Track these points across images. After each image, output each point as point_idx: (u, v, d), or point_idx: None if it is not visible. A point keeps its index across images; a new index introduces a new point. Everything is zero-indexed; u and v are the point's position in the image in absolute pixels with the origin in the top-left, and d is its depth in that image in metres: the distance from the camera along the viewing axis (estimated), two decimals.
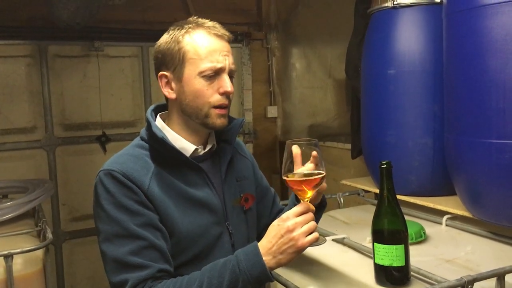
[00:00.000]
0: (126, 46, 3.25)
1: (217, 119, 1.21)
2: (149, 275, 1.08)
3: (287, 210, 1.33)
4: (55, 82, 3.06)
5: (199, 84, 1.18)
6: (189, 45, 1.18)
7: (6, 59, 2.94)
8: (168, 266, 1.12)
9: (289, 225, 1.06)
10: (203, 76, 1.18)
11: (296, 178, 1.12)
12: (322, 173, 1.12)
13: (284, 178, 1.14)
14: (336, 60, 3.63)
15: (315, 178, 1.12)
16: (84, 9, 2.70)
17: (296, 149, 1.14)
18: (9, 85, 2.94)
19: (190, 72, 1.18)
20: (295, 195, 1.30)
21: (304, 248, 1.07)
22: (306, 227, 1.07)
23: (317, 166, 1.13)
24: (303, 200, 1.13)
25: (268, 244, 1.07)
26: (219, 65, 1.18)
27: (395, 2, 1.93)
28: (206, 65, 1.17)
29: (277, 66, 3.81)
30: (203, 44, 1.18)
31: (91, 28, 3.00)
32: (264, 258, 1.06)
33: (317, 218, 1.26)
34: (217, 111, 1.20)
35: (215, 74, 1.18)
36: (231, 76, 1.22)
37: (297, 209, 1.09)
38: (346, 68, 2.55)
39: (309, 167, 1.13)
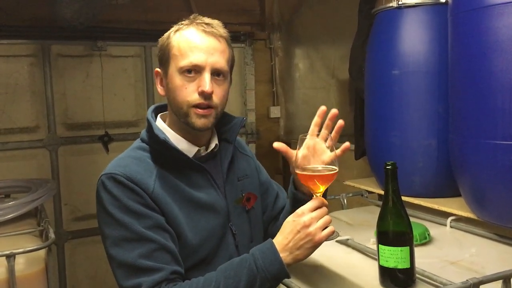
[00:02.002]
0: (129, 45, 3.25)
1: (196, 119, 1.16)
2: (163, 278, 1.06)
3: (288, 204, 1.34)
4: (58, 81, 3.06)
5: (180, 81, 1.16)
6: (175, 41, 1.17)
7: (9, 59, 2.94)
8: (179, 267, 1.11)
9: (305, 220, 1.06)
10: (182, 73, 1.15)
11: (309, 172, 1.12)
12: (335, 169, 1.12)
13: (297, 172, 1.13)
14: (340, 60, 3.62)
15: (327, 174, 1.12)
16: (87, 8, 2.70)
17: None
18: (12, 84, 2.95)
19: (173, 68, 1.17)
20: (293, 188, 1.30)
21: (321, 242, 1.07)
22: (322, 222, 1.07)
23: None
24: (315, 195, 1.13)
25: (284, 241, 1.07)
26: (197, 63, 1.14)
27: (399, 2, 1.92)
28: (185, 62, 1.15)
29: (280, 66, 3.80)
30: (186, 40, 1.16)
31: (94, 28, 3.00)
32: (281, 254, 1.06)
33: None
34: (196, 110, 1.16)
35: (194, 72, 1.15)
36: (217, 75, 1.17)
37: (311, 204, 1.09)
38: (349, 69, 2.54)
39: (323, 160, 1.14)
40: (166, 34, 1.21)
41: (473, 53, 1.53)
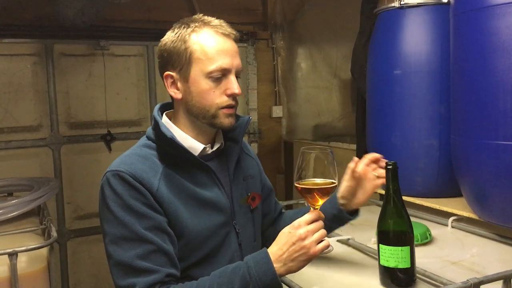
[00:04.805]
0: (131, 45, 3.26)
1: (225, 119, 1.19)
2: (157, 280, 1.07)
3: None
4: (61, 80, 3.07)
5: (206, 85, 1.16)
6: (196, 45, 1.16)
7: (12, 58, 2.95)
8: (175, 270, 1.11)
9: (301, 233, 1.06)
10: (210, 77, 1.16)
11: (308, 185, 1.13)
12: (335, 182, 1.13)
13: (296, 185, 1.14)
14: (342, 60, 3.62)
15: (326, 187, 1.12)
16: (90, 8, 2.71)
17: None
18: (15, 83, 2.96)
19: (197, 72, 1.16)
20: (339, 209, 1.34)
21: (315, 255, 1.07)
22: (317, 235, 1.07)
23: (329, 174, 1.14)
24: (313, 208, 1.14)
25: (279, 251, 1.07)
26: (226, 66, 1.16)
27: (401, 2, 1.92)
28: (214, 66, 1.15)
29: (283, 66, 3.80)
30: (210, 44, 1.16)
31: (97, 27, 3.00)
32: (274, 265, 1.06)
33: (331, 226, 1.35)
34: (224, 110, 1.19)
35: (222, 75, 1.17)
36: (237, 76, 1.20)
37: (308, 216, 1.09)
38: (351, 69, 2.54)
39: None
40: (176, 36, 1.18)
41: (475, 53, 1.53)
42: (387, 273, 1.20)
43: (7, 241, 1.78)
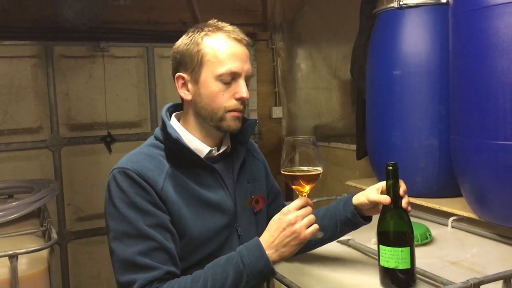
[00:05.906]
0: (131, 46, 3.25)
1: (231, 122, 1.21)
2: (157, 277, 1.08)
3: None
4: (61, 82, 3.07)
5: (216, 87, 1.18)
6: (208, 48, 1.18)
7: (12, 60, 2.95)
8: (175, 269, 1.12)
9: (291, 218, 1.09)
10: (220, 80, 1.18)
11: (293, 173, 1.15)
12: (319, 169, 1.15)
13: (283, 172, 1.17)
14: (342, 60, 3.62)
15: (311, 174, 1.15)
16: (90, 9, 2.71)
17: None
18: (15, 85, 2.96)
19: (207, 74, 1.18)
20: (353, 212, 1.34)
21: (306, 239, 1.09)
22: (306, 220, 1.10)
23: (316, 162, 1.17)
24: (301, 195, 1.16)
25: (270, 238, 1.09)
26: (236, 70, 1.18)
27: (401, 3, 1.92)
28: (224, 69, 1.17)
29: (282, 67, 3.80)
30: (222, 48, 1.18)
31: (97, 29, 3.00)
32: (267, 251, 1.08)
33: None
34: (232, 113, 1.20)
35: (231, 78, 1.19)
36: (247, 81, 1.22)
37: (296, 203, 1.12)
38: (351, 69, 2.55)
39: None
40: (189, 39, 1.21)
41: (474, 53, 1.53)
42: (387, 274, 1.20)
43: (8, 243, 1.78)
